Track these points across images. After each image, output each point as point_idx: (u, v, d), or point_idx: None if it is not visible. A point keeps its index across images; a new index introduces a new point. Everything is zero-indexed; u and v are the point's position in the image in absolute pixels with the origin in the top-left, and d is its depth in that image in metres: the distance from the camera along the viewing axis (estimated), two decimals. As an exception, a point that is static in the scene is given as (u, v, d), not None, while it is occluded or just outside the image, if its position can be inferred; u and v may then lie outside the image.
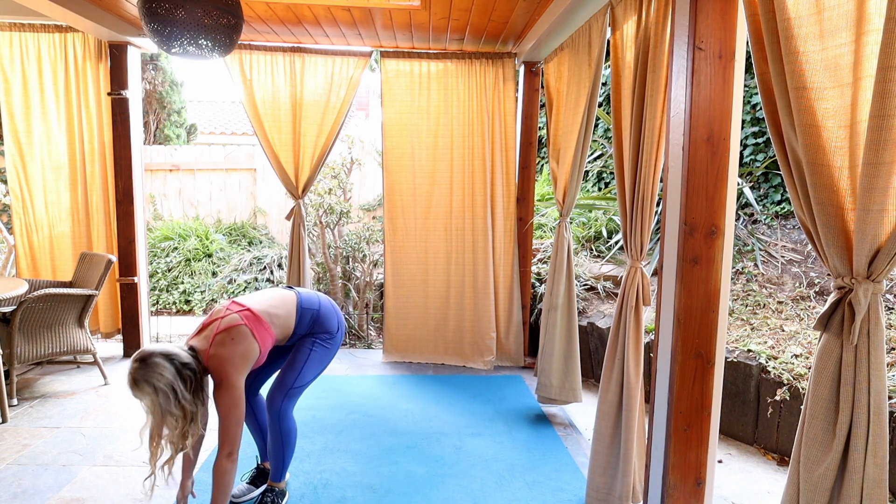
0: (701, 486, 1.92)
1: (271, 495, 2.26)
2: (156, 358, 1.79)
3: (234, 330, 1.95)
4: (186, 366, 1.84)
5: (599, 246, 4.81)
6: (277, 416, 2.17)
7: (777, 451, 2.86)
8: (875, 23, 1.15)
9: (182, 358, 1.84)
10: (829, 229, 1.23)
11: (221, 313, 2.02)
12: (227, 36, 2.31)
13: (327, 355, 2.24)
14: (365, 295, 5.02)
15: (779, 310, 3.40)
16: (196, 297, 5.88)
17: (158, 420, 1.81)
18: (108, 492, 2.36)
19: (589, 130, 2.78)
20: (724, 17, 1.76)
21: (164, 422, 1.81)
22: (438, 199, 4.10)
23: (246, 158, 7.18)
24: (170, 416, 1.80)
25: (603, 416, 2.25)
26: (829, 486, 1.21)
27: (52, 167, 4.02)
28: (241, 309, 2.02)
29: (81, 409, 3.18)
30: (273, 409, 2.17)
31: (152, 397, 1.77)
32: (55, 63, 3.93)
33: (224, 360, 1.90)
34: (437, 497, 2.40)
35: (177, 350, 1.86)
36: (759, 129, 4.41)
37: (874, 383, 1.17)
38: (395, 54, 4.00)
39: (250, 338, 1.96)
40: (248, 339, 1.96)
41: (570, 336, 3.18)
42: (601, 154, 5.44)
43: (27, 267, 4.10)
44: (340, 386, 3.68)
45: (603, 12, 2.55)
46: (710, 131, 1.79)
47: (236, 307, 2.03)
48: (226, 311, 2.02)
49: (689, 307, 1.85)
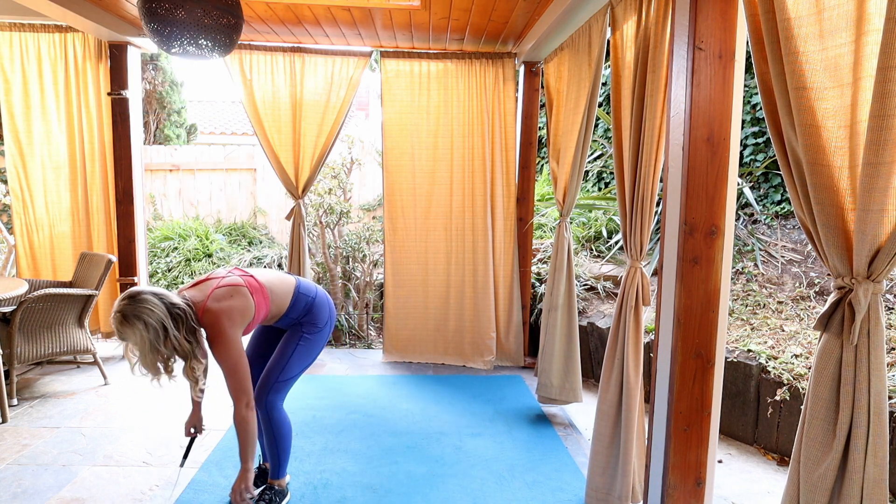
0: (701, 486, 1.92)
1: (270, 493, 2.26)
2: (145, 295, 1.80)
3: (233, 288, 1.97)
4: (176, 305, 1.84)
5: (599, 246, 4.81)
6: (266, 410, 2.18)
7: (777, 451, 2.86)
8: (875, 23, 1.15)
9: (172, 298, 1.85)
10: (829, 229, 1.23)
11: (222, 274, 2.04)
12: (227, 36, 2.31)
13: (314, 350, 2.26)
14: (365, 295, 5.02)
15: (779, 310, 3.40)
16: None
17: (144, 359, 1.81)
18: (108, 492, 2.36)
19: (589, 130, 2.78)
20: (724, 17, 1.76)
21: (152, 359, 1.81)
22: (438, 199, 4.10)
23: (246, 158, 7.18)
24: (158, 354, 1.80)
25: (602, 416, 2.25)
26: (830, 486, 1.21)
27: (52, 167, 4.02)
28: (243, 274, 2.06)
29: (81, 409, 3.18)
30: (260, 403, 2.17)
31: (142, 333, 1.76)
32: (55, 63, 3.93)
33: (220, 313, 1.90)
34: (437, 497, 2.40)
35: (166, 291, 1.88)
36: (759, 129, 4.41)
37: (874, 383, 1.17)
38: (395, 54, 4.00)
39: (248, 297, 1.98)
40: (246, 297, 1.98)
41: (571, 336, 3.18)
42: (601, 154, 5.44)
43: (27, 267, 4.10)
44: (340, 386, 3.68)
45: (603, 12, 2.55)
46: (710, 131, 1.79)
47: (239, 272, 2.07)
48: (227, 273, 2.04)
49: (689, 307, 1.85)
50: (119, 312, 1.77)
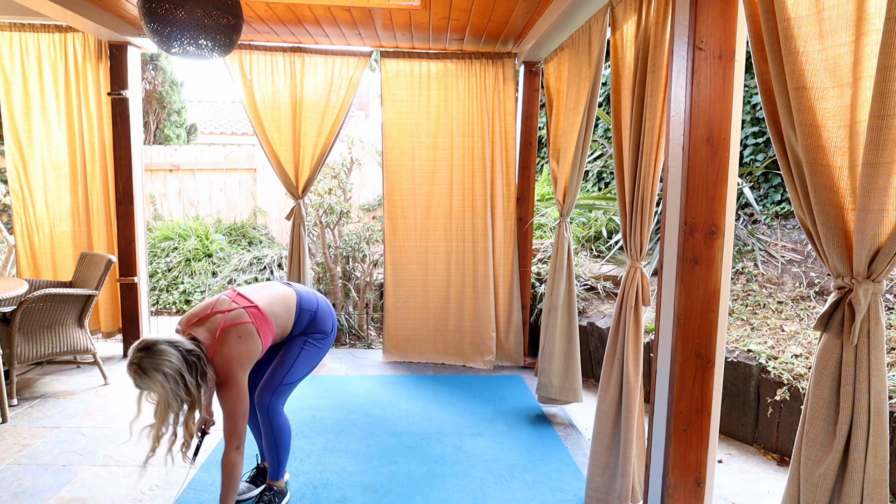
0: (701, 486, 1.92)
1: (269, 494, 2.26)
2: (161, 345, 1.79)
3: (241, 327, 1.95)
4: (191, 352, 1.84)
5: (599, 246, 4.81)
6: (267, 413, 2.18)
7: (777, 451, 2.86)
8: (875, 23, 1.15)
9: (185, 344, 1.85)
10: (828, 229, 1.23)
11: (226, 306, 2.01)
12: (227, 36, 2.31)
13: (318, 354, 2.25)
14: (365, 295, 5.02)
15: (779, 310, 3.40)
16: (196, 297, 5.88)
17: (164, 408, 1.81)
18: (108, 492, 2.36)
19: (589, 130, 2.78)
20: (724, 17, 1.76)
21: (170, 409, 1.81)
22: (438, 199, 4.10)
23: (246, 158, 7.18)
24: (177, 403, 1.81)
25: (602, 416, 2.25)
26: (830, 486, 1.21)
27: (52, 167, 4.02)
28: (248, 305, 2.02)
29: (81, 409, 3.18)
30: (262, 406, 2.17)
31: (162, 384, 1.76)
32: (55, 63, 3.93)
33: (230, 359, 1.91)
34: (436, 497, 2.40)
35: (178, 337, 1.87)
36: (759, 129, 4.41)
37: (874, 383, 1.17)
38: (395, 54, 4.00)
39: (256, 336, 1.97)
40: (254, 337, 1.96)
41: (571, 336, 3.18)
42: (601, 154, 5.44)
43: (28, 267, 4.10)
44: (340, 386, 3.68)
45: (603, 12, 2.55)
46: (710, 131, 1.79)
47: (243, 301, 2.04)
48: (231, 305, 2.01)
49: (689, 307, 1.85)
50: (136, 365, 1.76)
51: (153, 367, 1.76)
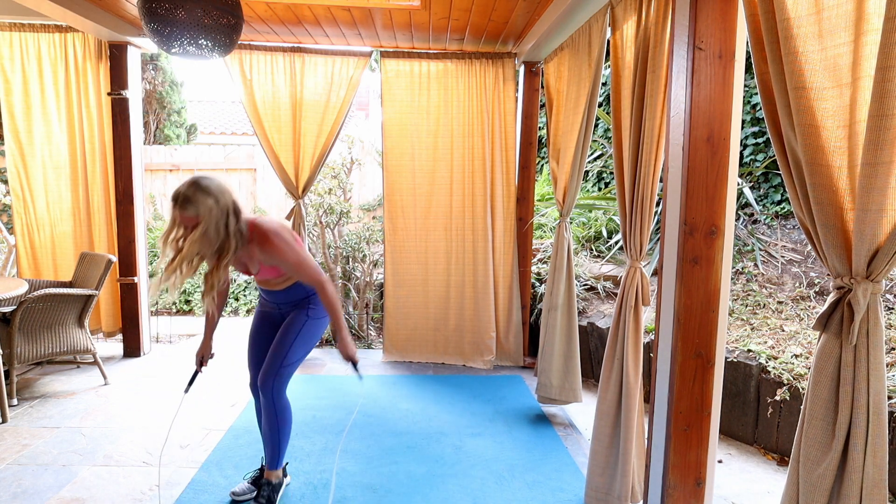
0: (701, 486, 1.93)
1: (268, 489, 2.26)
2: (221, 183, 1.89)
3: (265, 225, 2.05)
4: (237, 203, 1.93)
5: (599, 246, 4.81)
6: (271, 396, 2.19)
7: (777, 451, 2.86)
8: (874, 23, 1.15)
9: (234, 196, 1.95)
10: (828, 229, 1.23)
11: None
12: (227, 36, 2.31)
13: (315, 333, 2.29)
14: (365, 295, 5.02)
15: (779, 310, 3.40)
16: (196, 297, 5.88)
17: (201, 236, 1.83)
18: (108, 492, 2.36)
19: (589, 130, 2.78)
20: (724, 17, 1.76)
21: (206, 238, 1.85)
22: (438, 199, 4.10)
23: (246, 158, 7.18)
24: (216, 235, 1.86)
25: (602, 416, 2.25)
26: (829, 486, 1.21)
27: (52, 167, 4.02)
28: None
29: (81, 409, 3.18)
30: (266, 389, 2.18)
31: (212, 208, 1.83)
32: (55, 63, 3.93)
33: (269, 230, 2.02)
34: (436, 497, 2.40)
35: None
36: (759, 129, 4.41)
37: (873, 383, 1.17)
38: (395, 54, 4.00)
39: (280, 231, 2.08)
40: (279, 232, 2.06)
41: (571, 336, 3.18)
42: (601, 154, 5.44)
43: (28, 267, 4.10)
44: (340, 386, 3.68)
45: (603, 12, 2.55)
46: (710, 131, 1.79)
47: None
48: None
49: (689, 307, 1.85)
50: (196, 182, 1.83)
51: (211, 190, 1.84)
